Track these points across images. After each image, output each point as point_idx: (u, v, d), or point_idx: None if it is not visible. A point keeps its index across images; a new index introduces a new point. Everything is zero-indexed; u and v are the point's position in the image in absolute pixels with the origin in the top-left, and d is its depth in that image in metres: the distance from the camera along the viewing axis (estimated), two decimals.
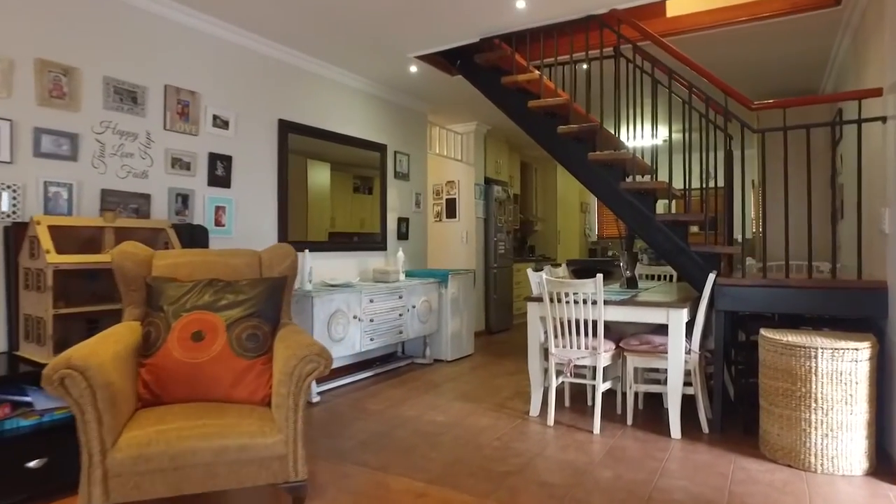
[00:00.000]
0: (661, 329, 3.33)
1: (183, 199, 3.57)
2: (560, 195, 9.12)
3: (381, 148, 5.30)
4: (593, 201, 9.71)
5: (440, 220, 6.95)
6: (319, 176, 4.72)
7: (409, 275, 5.36)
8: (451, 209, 6.85)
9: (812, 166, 3.00)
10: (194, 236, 3.28)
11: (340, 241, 4.87)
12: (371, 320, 4.40)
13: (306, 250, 4.12)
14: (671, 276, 5.01)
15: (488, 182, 7.05)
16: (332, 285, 4.35)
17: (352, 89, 5.00)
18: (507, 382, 4.53)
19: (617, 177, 3.72)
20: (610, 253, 9.54)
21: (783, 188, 3.06)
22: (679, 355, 3.15)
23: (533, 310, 3.58)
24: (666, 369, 3.23)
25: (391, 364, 5.05)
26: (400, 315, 4.71)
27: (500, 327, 7.15)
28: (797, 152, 3.25)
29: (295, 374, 2.10)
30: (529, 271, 3.99)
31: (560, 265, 4.81)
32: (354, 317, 4.23)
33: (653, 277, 5.17)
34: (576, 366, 3.38)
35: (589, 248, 9.63)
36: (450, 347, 5.30)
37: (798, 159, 3.20)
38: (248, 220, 4.03)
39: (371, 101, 5.23)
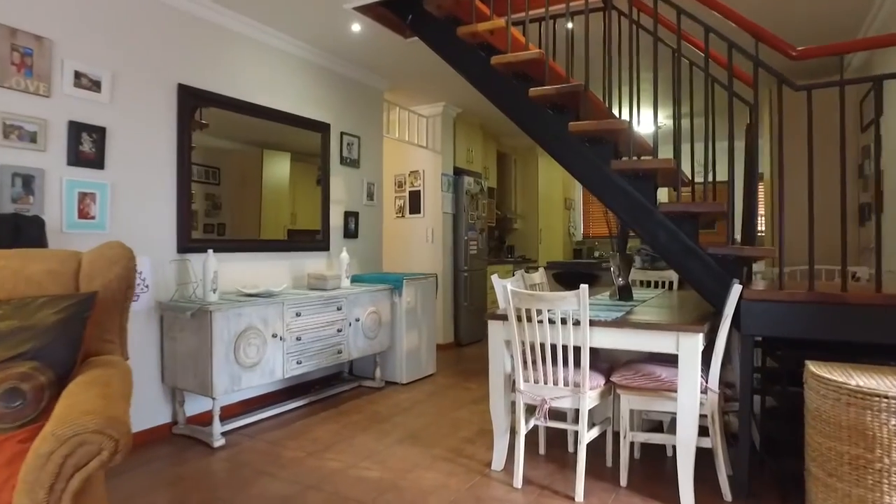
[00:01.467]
0: (666, 355, 2.48)
1: (24, 182, 2.64)
2: (542, 190, 8.27)
3: (322, 128, 4.39)
4: (578, 197, 8.87)
5: (402, 215, 6.05)
6: (277, 168, 4.04)
7: (355, 280, 4.46)
8: (414, 203, 5.96)
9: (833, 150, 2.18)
10: (21, 232, 2.36)
11: (270, 241, 3.97)
12: (298, 339, 3.49)
13: (209, 251, 3.21)
14: (671, 283, 4.17)
15: (458, 173, 6.17)
16: (249, 294, 3.44)
17: (283, 54, 4.09)
18: (470, 415, 3.64)
19: (606, 156, 2.86)
20: (596, 254, 8.72)
21: (839, 168, 2.21)
22: (693, 397, 2.29)
23: (496, 331, 2.70)
24: (674, 413, 2.37)
25: (333, 388, 4.14)
26: (339, 331, 3.81)
27: (472, 339, 6.28)
28: (830, 127, 2.40)
29: (49, 469, 1.20)
30: (494, 278, 3.12)
31: (538, 269, 3.95)
32: (274, 335, 3.32)
33: (648, 284, 4.32)
34: (552, 406, 2.51)
35: (574, 248, 8.80)
36: (405, 367, 4.41)
37: (830, 137, 2.36)
38: (131, 213, 3.11)
39: (310, 70, 4.32)
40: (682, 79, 2.95)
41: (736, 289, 2.30)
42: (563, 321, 2.40)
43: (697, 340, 2.27)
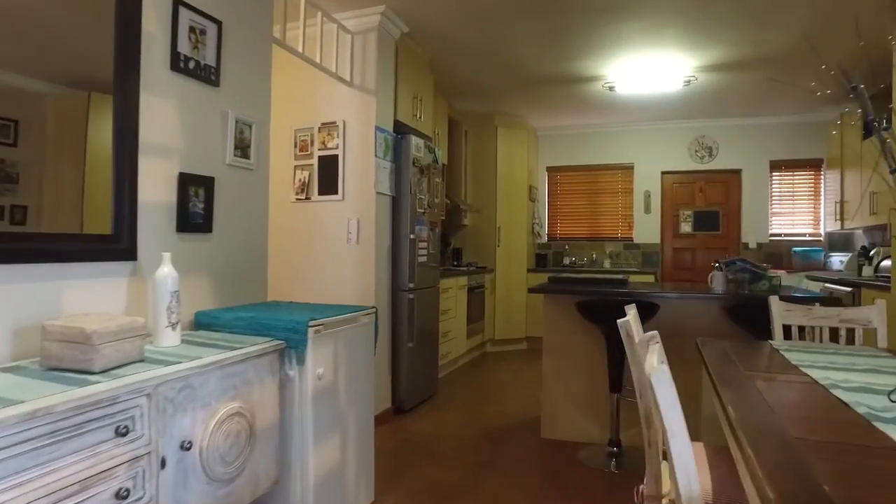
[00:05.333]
0: None
1: None
2: (501, 173, 6.11)
3: None
4: (543, 186, 6.81)
5: (306, 196, 3.61)
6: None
7: (201, 326, 2.01)
8: (328, 177, 3.55)
9: None
10: None
11: None
12: None
13: None
14: (851, 331, 2.10)
15: (401, 131, 3.84)
16: None
17: None
18: None
19: None
20: (566, 261, 6.70)
21: None
22: None
23: None
24: None
25: None
26: (119, 497, 1.35)
27: (419, 398, 3.96)
28: None
29: None
30: (653, 366, 0.85)
31: (628, 306, 1.71)
32: None
33: (798, 333, 2.23)
34: None
35: (536, 252, 6.73)
36: None
37: None
38: None
39: None
40: None
41: None
42: None
43: None
